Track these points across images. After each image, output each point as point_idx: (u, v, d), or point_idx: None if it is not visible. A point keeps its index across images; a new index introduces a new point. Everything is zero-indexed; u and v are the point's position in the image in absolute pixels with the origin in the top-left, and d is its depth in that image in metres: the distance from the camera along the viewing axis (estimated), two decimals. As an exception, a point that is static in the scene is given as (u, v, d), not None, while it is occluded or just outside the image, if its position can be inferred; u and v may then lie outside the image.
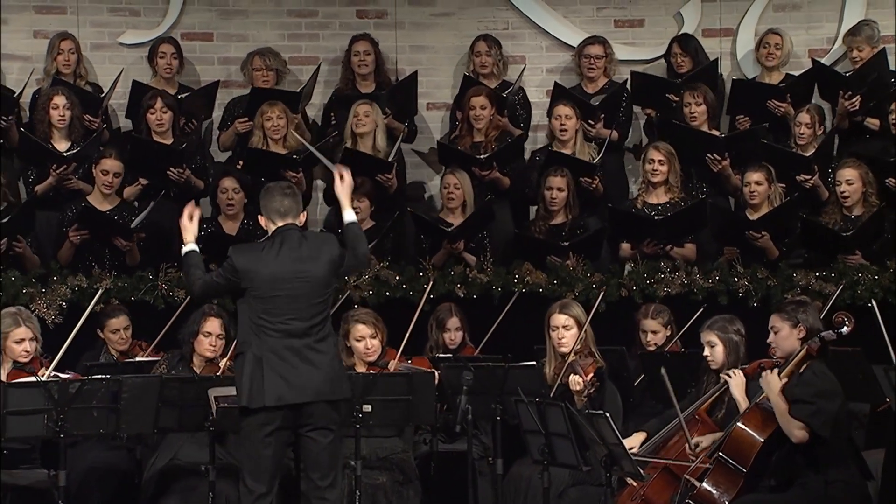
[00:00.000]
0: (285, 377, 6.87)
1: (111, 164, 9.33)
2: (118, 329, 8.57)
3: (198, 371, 8.12)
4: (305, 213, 7.33)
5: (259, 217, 7.20)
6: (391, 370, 8.00)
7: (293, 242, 7.01)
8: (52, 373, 7.66)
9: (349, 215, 7.20)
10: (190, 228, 7.20)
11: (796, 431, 7.01)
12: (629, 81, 10.22)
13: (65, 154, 9.49)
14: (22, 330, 7.90)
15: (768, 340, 7.31)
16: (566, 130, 9.82)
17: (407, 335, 8.24)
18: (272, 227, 7.07)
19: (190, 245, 7.18)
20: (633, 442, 7.40)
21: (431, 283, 8.89)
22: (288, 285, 6.93)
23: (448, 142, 10.12)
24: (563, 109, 9.85)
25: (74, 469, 7.84)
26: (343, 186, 7.20)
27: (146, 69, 10.32)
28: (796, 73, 10.24)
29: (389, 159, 9.79)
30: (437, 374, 7.93)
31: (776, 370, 7.14)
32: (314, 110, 10.53)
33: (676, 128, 9.79)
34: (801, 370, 7.17)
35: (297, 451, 7.16)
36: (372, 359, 8.14)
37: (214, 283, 7.09)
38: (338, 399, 6.99)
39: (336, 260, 7.04)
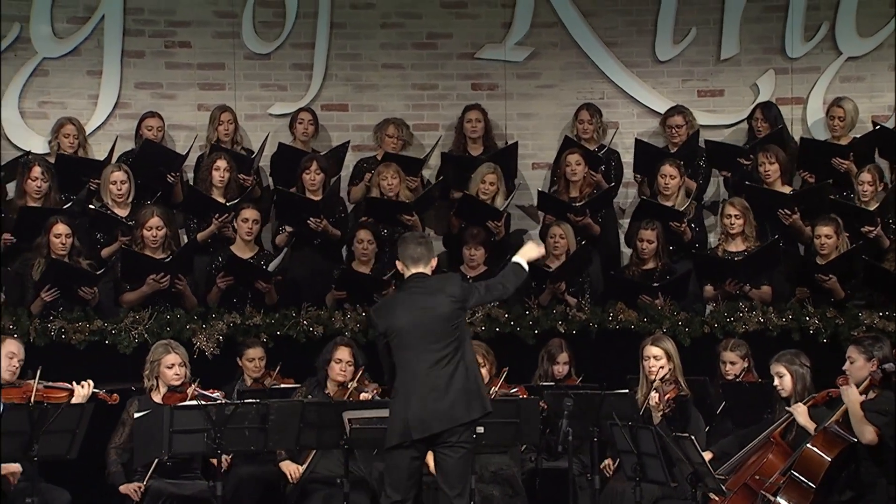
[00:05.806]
0: (413, 412, 6.86)
1: (249, 212, 9.55)
2: (254, 358, 8.76)
3: (330, 394, 8.27)
4: (436, 258, 7.30)
5: (397, 262, 7.21)
6: (492, 396, 8.06)
7: (417, 288, 7.07)
8: (198, 391, 7.88)
9: (521, 259, 7.20)
10: None
11: (868, 433, 7.13)
12: (705, 149, 10.28)
13: (226, 204, 9.76)
14: (172, 356, 8.16)
15: (843, 367, 7.41)
16: (669, 188, 9.89)
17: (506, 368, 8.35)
18: (406, 272, 7.11)
19: None
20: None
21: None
22: (419, 327, 6.93)
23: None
24: (669, 169, 9.89)
25: (230, 480, 8.06)
26: (537, 249, 7.28)
27: (289, 136, 10.55)
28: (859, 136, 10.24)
29: (501, 209, 9.93)
30: (542, 402, 8.00)
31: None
32: (431, 170, 10.70)
33: (748, 188, 9.83)
34: (870, 396, 7.27)
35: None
36: (479, 386, 8.22)
37: (383, 356, 7.07)
38: (468, 421, 6.91)
39: (456, 296, 7.02)
